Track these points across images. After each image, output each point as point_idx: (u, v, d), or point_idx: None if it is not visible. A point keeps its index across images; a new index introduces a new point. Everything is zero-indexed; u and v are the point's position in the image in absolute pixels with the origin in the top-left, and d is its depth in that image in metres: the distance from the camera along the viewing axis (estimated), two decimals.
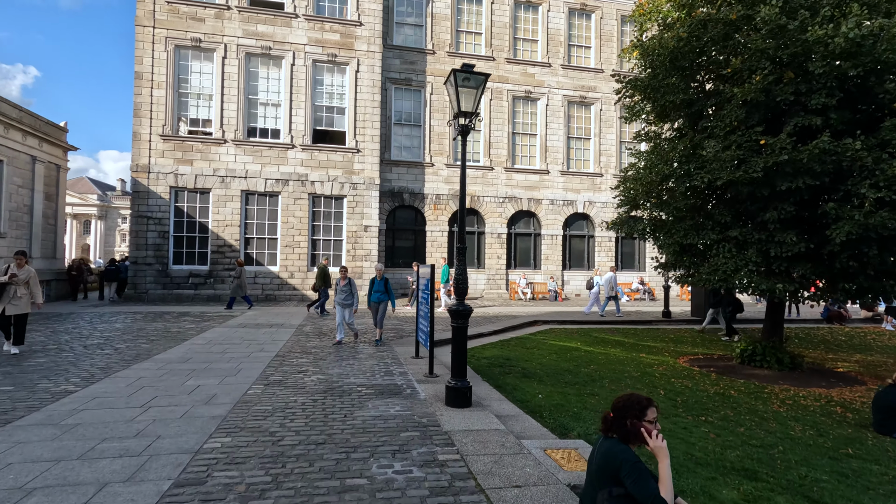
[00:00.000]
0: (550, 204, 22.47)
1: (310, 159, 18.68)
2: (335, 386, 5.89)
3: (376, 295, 9.55)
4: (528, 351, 9.91)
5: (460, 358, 5.01)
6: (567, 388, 7.02)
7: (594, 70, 23.12)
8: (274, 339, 9.45)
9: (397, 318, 14.10)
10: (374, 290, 9.57)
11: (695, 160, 7.78)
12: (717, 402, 6.90)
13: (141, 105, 17.37)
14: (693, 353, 11.05)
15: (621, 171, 10.48)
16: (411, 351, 8.43)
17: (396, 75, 20.80)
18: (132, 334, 9.66)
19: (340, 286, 9.46)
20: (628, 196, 9.13)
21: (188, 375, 6.33)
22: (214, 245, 17.79)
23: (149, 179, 17.36)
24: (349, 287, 9.45)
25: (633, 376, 8.30)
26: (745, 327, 14.44)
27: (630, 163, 10.47)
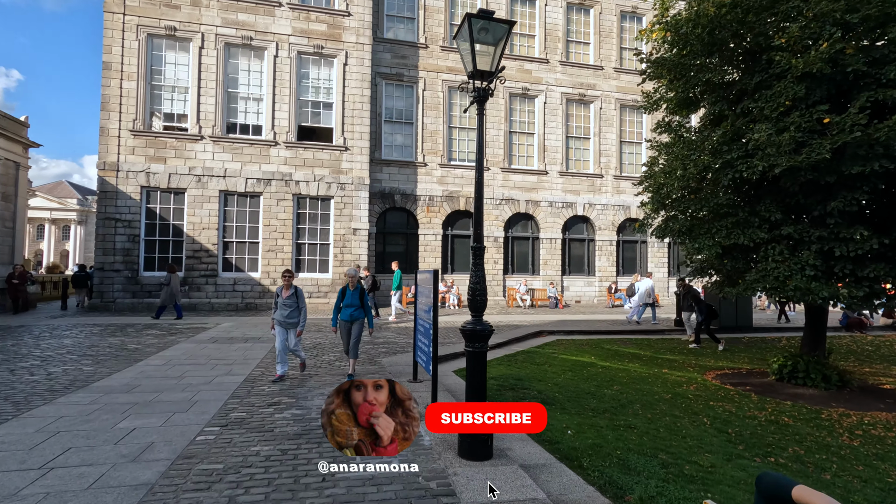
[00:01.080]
0: (549, 206, 21.40)
1: (294, 157, 17.41)
2: (313, 427, 4.60)
3: (347, 311, 6.91)
4: (539, 368, 8.72)
5: (478, 392, 3.80)
6: (597, 419, 5.83)
7: (593, 67, 22.18)
8: (246, 357, 8.13)
9: (389, 330, 12.84)
10: (345, 305, 6.94)
11: (738, 147, 6.71)
12: (776, 433, 5.77)
13: (109, 98, 15.99)
14: (718, 367, 9.96)
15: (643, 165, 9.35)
16: (407, 372, 7.19)
17: (387, 70, 19.64)
18: (79, 353, 8.28)
19: (282, 298, 6.80)
20: (659, 194, 7.96)
21: (125, 413, 5.00)
22: (190, 250, 16.41)
23: (117, 178, 15.95)
24: (294, 299, 6.85)
25: (664, 399, 7.16)
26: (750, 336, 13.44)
27: (650, 157, 9.37)
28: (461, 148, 20.64)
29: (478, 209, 3.92)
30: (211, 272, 16.51)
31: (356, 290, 7.04)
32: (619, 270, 22.50)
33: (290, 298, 6.84)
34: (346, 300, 6.99)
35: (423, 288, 5.99)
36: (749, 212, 7.00)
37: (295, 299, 6.89)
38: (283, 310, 6.83)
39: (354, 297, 7.00)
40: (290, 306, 6.81)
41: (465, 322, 3.92)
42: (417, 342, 6.32)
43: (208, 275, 16.47)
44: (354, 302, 6.95)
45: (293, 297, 6.86)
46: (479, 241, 3.90)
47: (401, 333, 12.01)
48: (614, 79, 22.44)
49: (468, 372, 3.90)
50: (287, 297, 6.85)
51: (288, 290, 6.89)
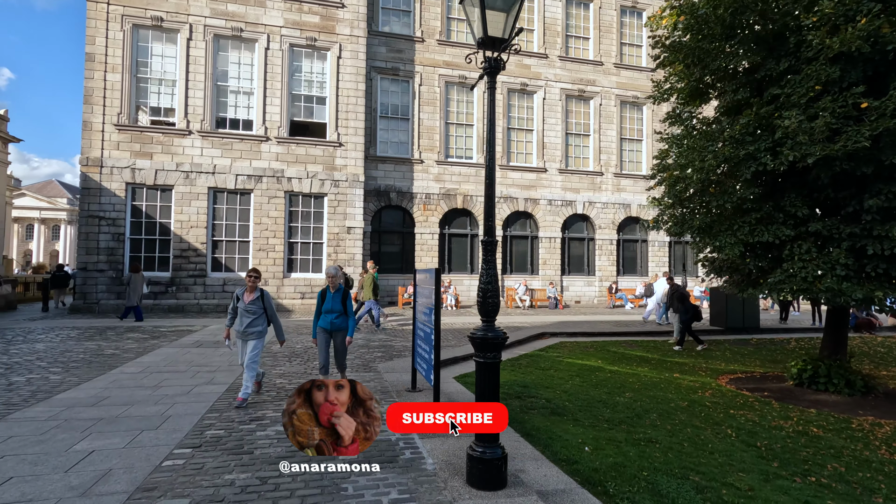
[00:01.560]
0: (548, 204, 20.92)
1: (286, 153, 16.82)
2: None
3: (328, 318, 5.83)
4: (545, 374, 8.21)
5: None
6: (613, 432, 5.32)
7: (593, 62, 21.73)
8: (231, 363, 7.55)
9: (385, 331, 12.29)
10: (325, 310, 5.87)
11: (763, 138, 6.23)
12: (808, 447, 5.28)
13: (93, 90, 15.35)
14: (731, 370, 9.50)
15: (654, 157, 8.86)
16: (405, 380, 6.64)
17: (382, 64, 19.09)
18: (49, 359, 7.67)
19: (243, 303, 5.63)
20: (675, 188, 7.41)
21: (86, 431, 4.37)
22: (177, 249, 15.78)
23: (101, 174, 15.30)
24: (260, 303, 5.68)
25: (681, 408, 6.67)
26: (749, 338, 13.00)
27: (660, 150, 8.88)
28: (458, 144, 20.12)
29: (489, 197, 3.40)
30: (199, 272, 15.90)
31: (338, 293, 5.91)
32: (620, 270, 22.06)
33: (254, 303, 5.65)
34: (327, 304, 5.86)
35: (423, 288, 5.45)
36: (773, 207, 6.52)
37: (261, 304, 5.66)
38: (244, 317, 5.59)
39: (336, 301, 5.87)
40: (255, 313, 5.63)
41: (476, 329, 3.38)
42: (416, 347, 5.78)
43: (196, 275, 15.86)
44: (336, 307, 5.84)
45: (258, 301, 5.68)
46: (490, 233, 3.37)
47: (397, 336, 11.47)
48: (614, 74, 22.00)
49: (478, 387, 3.36)
50: (251, 301, 5.64)
51: (252, 292, 5.72)
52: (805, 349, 12.10)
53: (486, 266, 3.38)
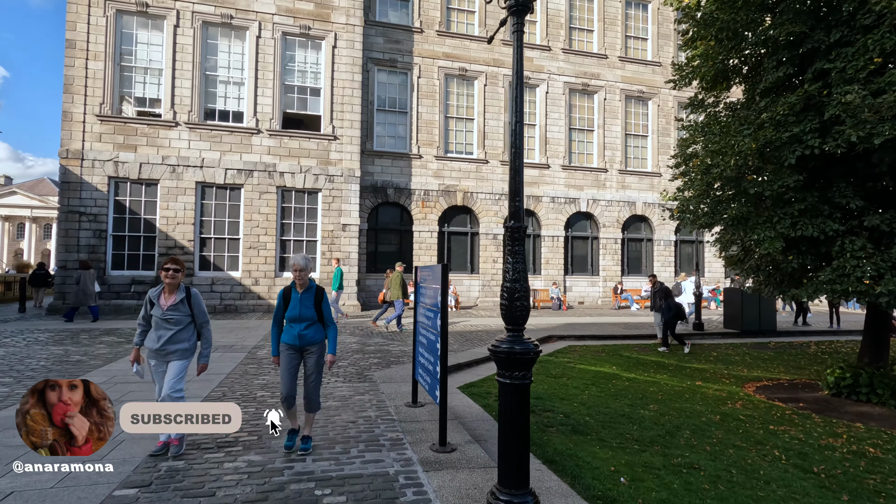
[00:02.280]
0: (551, 202, 20.20)
1: (278, 147, 16.04)
2: (276, 487, 3.34)
3: (294, 330, 4.11)
4: (557, 382, 7.47)
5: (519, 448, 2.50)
6: (648, 455, 4.59)
7: (597, 56, 21.03)
8: (209, 373, 6.76)
9: (382, 335, 11.53)
10: (290, 319, 4.14)
11: (810, 119, 5.53)
12: (872, 472, 4.56)
13: (73, 79, 14.53)
14: (755, 377, 8.80)
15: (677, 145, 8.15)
16: (404, 392, 5.88)
17: (380, 55, 18.33)
18: (3, 367, 6.80)
19: (161, 309, 3.98)
20: (708, 175, 6.61)
21: (9, 464, 3.33)
22: (163, 246, 14.97)
23: (82, 168, 14.49)
24: (185, 309, 4.07)
25: (713, 422, 5.95)
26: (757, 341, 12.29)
27: (681, 139, 8.17)
28: (458, 139, 19.38)
29: (516, 170, 2.67)
30: (186, 271, 15.06)
31: (309, 293, 4.15)
32: (624, 270, 21.36)
33: (176, 309, 3.95)
34: (293, 310, 4.08)
35: (427, 288, 4.69)
36: (818, 198, 5.82)
37: (186, 309, 4.01)
38: (163, 329, 3.90)
39: (307, 304, 4.10)
40: (178, 322, 3.94)
41: (498, 341, 2.64)
42: (418, 356, 5.03)
43: (185, 274, 15.03)
44: (307, 313, 4.08)
45: (182, 305, 3.99)
46: (518, 217, 2.64)
47: (394, 339, 10.71)
48: (619, 68, 21.31)
49: (504, 417, 2.61)
50: (171, 305, 3.95)
51: (173, 293, 4.00)
52: (828, 353, 11.43)
53: (513, 260, 2.63)
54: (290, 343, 4.11)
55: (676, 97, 21.90)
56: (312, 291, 4.21)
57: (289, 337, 4.12)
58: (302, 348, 4.13)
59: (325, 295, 4.25)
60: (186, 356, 4.04)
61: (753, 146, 5.81)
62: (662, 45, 21.99)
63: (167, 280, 4.02)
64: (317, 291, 4.22)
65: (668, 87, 21.76)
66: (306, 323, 4.11)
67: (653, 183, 21.64)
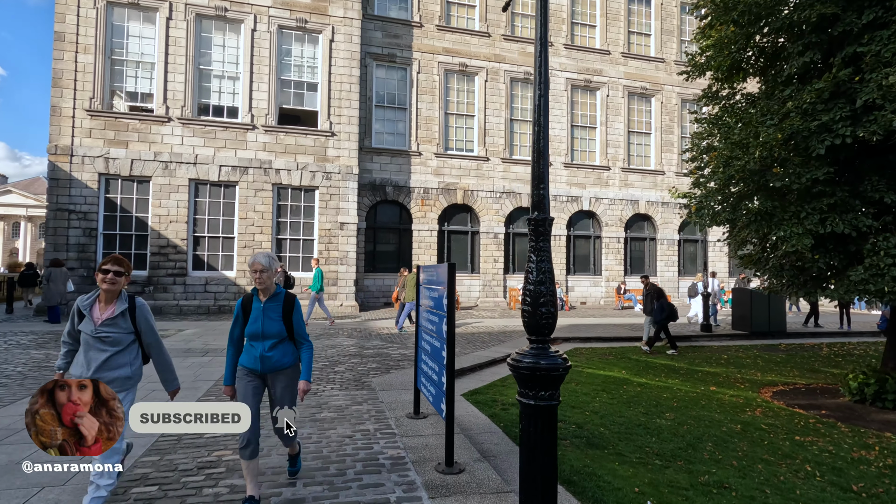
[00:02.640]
0: (553, 200, 19.79)
1: (274, 143, 15.62)
2: None
3: (255, 349, 3.19)
4: (566, 388, 7.08)
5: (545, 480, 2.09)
6: (672, 472, 4.21)
7: (600, 51, 20.65)
8: (197, 377, 6.37)
9: (380, 336, 11.14)
10: (251, 335, 3.21)
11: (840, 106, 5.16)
12: None
13: (63, 73, 14.09)
14: (770, 381, 8.44)
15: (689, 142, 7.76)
16: (405, 401, 5.48)
17: (378, 50, 17.91)
18: None
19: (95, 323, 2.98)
20: (730, 168, 6.17)
21: None
22: (155, 245, 14.55)
23: (71, 164, 14.05)
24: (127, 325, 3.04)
25: (735, 432, 5.57)
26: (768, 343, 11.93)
27: (695, 132, 7.80)
28: (458, 136, 18.98)
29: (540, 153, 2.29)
30: (179, 271, 14.68)
31: (274, 302, 3.24)
32: (627, 270, 20.99)
33: (114, 325, 2.98)
34: (254, 324, 3.18)
35: (431, 289, 4.29)
36: (849, 192, 5.45)
37: (129, 325, 3.03)
38: (94, 350, 2.95)
39: (271, 316, 3.20)
40: (116, 342, 2.97)
41: (520, 354, 2.25)
42: (420, 363, 4.63)
43: (176, 273, 14.64)
44: (272, 329, 3.18)
45: (123, 319, 3.01)
46: (541, 208, 2.25)
47: (394, 341, 10.32)
48: (622, 65, 20.93)
49: (525, 445, 2.21)
50: (108, 319, 2.97)
51: (111, 304, 3.01)
52: (841, 356, 11.09)
53: (536, 258, 2.24)
54: (249, 367, 3.15)
55: (680, 94, 21.56)
56: (280, 300, 3.23)
57: (249, 359, 3.16)
58: (262, 374, 3.17)
59: (298, 304, 3.31)
60: (127, 387, 2.97)
61: (779, 136, 5.43)
62: (666, 41, 21.62)
63: (105, 286, 2.93)
64: (286, 300, 3.25)
65: (671, 83, 21.41)
66: (271, 341, 3.16)
67: (656, 181, 21.28)
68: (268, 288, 3.22)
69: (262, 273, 3.17)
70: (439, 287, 3.85)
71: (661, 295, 10.64)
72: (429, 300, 4.26)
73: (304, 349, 3.31)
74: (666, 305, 10.40)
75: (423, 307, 4.49)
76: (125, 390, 2.99)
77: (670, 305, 10.48)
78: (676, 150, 21.62)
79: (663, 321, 10.38)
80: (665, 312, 10.34)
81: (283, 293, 3.29)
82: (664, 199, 21.25)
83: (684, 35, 22.12)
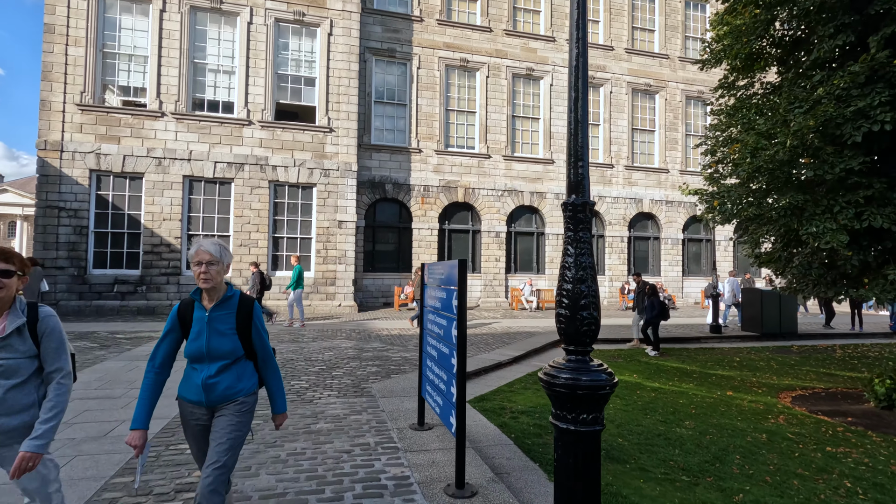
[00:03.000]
0: (556, 198, 19.43)
1: (271, 139, 15.22)
2: None
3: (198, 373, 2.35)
4: None
5: None
6: (702, 490, 3.83)
7: (603, 47, 20.28)
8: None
9: (380, 338, 10.75)
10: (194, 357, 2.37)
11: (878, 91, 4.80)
12: None
13: (52, 66, 13.67)
14: (787, 386, 8.07)
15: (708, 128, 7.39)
16: (408, 409, 5.08)
17: (378, 45, 17.51)
18: None
19: None
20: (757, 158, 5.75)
21: None
22: (148, 244, 14.14)
23: (61, 160, 13.63)
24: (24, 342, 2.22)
25: (760, 442, 5.20)
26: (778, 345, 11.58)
27: (712, 123, 7.42)
28: (459, 133, 18.60)
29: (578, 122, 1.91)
30: (173, 270, 14.27)
31: (226, 310, 2.41)
32: (631, 269, 20.60)
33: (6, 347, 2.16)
34: (196, 341, 2.36)
35: (437, 290, 3.90)
36: (887, 184, 5.08)
37: (29, 346, 2.21)
38: None
39: (221, 330, 2.37)
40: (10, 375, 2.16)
41: (553, 367, 1.86)
42: (425, 370, 4.24)
43: (170, 273, 14.23)
44: (221, 346, 2.35)
45: (19, 339, 2.19)
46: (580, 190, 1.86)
47: (394, 343, 9.93)
48: (626, 61, 20.57)
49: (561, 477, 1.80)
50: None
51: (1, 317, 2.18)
52: (856, 358, 10.74)
53: (575, 250, 1.85)
54: (190, 399, 2.33)
55: (685, 91, 21.21)
56: (232, 306, 2.38)
57: (189, 389, 2.33)
58: (208, 408, 2.33)
59: (258, 311, 2.46)
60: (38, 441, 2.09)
61: (812, 123, 5.05)
62: (670, 36, 21.26)
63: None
64: (241, 305, 2.40)
65: (675, 80, 21.06)
66: (220, 363, 2.31)
67: (660, 179, 20.93)
68: (216, 288, 2.34)
69: (209, 266, 2.28)
70: (448, 287, 3.46)
71: (654, 293, 10.28)
72: (435, 301, 3.87)
73: (270, 372, 2.49)
74: (657, 304, 10.02)
75: (430, 309, 4.10)
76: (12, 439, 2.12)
77: (661, 304, 10.10)
78: (681, 147, 21.28)
79: (653, 319, 10.00)
80: (656, 311, 9.97)
81: (237, 296, 2.43)
82: (668, 198, 20.90)
83: (689, 31, 21.77)
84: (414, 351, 8.95)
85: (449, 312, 3.41)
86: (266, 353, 2.49)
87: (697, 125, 21.66)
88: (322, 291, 15.28)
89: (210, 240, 2.42)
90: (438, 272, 3.85)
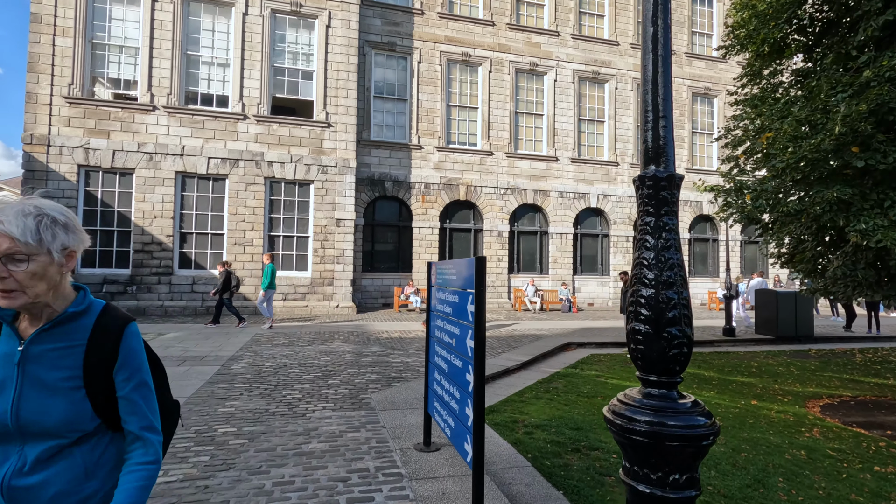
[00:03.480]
0: (559, 197, 18.96)
1: (267, 134, 14.70)
2: None
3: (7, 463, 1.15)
4: (593, 404, 6.21)
5: None
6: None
7: (609, 42, 19.80)
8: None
9: (380, 341, 10.24)
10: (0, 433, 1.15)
11: None
12: None
13: (39, 57, 13.14)
14: (813, 393, 7.58)
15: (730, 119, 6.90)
16: (411, 425, 4.59)
17: (377, 38, 17.01)
18: None
19: None
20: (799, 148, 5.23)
21: None
22: (139, 242, 13.62)
23: (48, 155, 13.10)
24: None
25: (800, 460, 4.72)
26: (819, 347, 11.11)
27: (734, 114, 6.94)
28: (461, 129, 18.10)
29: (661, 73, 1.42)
30: (164, 269, 13.75)
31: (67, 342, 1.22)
32: None
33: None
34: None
35: (447, 292, 3.39)
36: None
37: None
38: None
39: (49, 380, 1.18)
40: None
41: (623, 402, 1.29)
42: (433, 384, 3.74)
43: (161, 272, 13.71)
44: (50, 413, 1.17)
45: None
46: (660, 159, 1.28)
47: (394, 347, 9.42)
48: (631, 56, 20.09)
49: None
50: None
51: None
52: (878, 363, 10.27)
53: (656, 240, 1.30)
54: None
55: (691, 87, 20.76)
56: (81, 331, 1.25)
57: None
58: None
59: (135, 343, 1.30)
60: None
61: (863, 107, 4.56)
62: (676, 32, 20.79)
63: None
64: (98, 330, 1.26)
65: (681, 76, 20.59)
66: (43, 445, 1.18)
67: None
68: (37, 303, 1.20)
69: (9, 265, 1.14)
70: (464, 289, 2.96)
71: None
72: (446, 305, 3.35)
73: (142, 454, 1.25)
74: None
75: (439, 315, 3.58)
76: None
77: None
78: (687, 145, 20.84)
79: None
80: None
81: (95, 312, 1.29)
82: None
83: (695, 26, 21.32)
84: (416, 356, 8.45)
85: (464, 319, 2.92)
86: (146, 421, 1.27)
87: (704, 122, 21.20)
88: (319, 292, 14.77)
89: (19, 204, 1.18)
90: (449, 272, 3.34)
